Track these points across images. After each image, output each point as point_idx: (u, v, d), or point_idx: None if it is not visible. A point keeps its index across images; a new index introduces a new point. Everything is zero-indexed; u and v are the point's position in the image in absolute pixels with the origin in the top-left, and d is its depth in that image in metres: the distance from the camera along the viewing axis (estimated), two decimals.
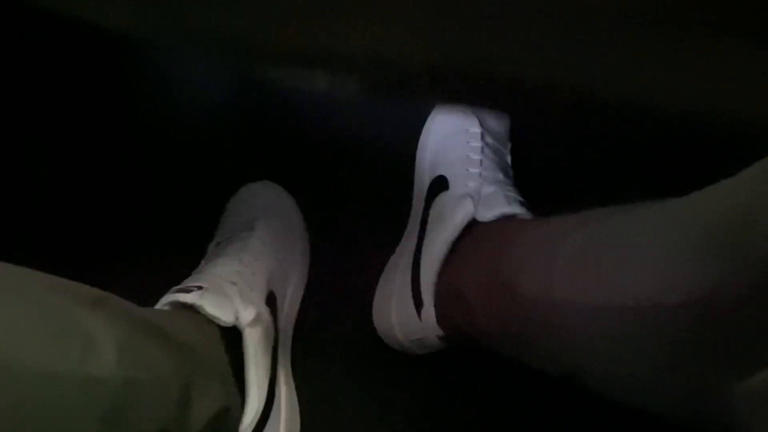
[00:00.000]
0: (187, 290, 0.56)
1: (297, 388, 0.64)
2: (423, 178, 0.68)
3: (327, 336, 0.67)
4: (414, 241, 0.65)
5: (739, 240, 0.33)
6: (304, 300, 0.68)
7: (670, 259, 0.37)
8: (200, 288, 0.56)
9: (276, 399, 0.58)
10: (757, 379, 0.29)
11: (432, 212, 0.64)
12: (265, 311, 0.58)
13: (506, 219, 0.59)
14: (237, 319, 0.55)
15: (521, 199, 0.61)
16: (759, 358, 0.30)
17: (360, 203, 0.71)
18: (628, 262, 0.40)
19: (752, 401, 0.30)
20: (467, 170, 0.64)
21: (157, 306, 0.55)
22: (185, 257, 0.65)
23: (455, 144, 0.67)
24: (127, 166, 0.74)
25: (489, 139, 0.67)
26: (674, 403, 0.39)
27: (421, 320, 0.61)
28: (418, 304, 0.62)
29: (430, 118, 0.71)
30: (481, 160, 0.65)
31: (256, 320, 0.56)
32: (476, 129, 0.67)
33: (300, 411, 0.63)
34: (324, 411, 0.64)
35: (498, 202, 0.60)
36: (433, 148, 0.69)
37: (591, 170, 0.72)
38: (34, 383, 0.33)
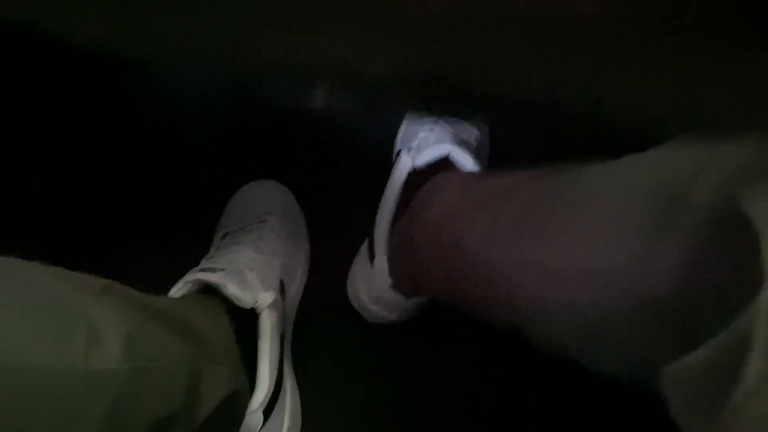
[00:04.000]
0: (211, 270, 0.57)
1: (297, 377, 0.65)
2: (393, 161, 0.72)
3: (323, 329, 0.69)
4: None
5: (672, 208, 0.33)
6: (305, 293, 0.70)
7: (606, 223, 0.37)
8: (223, 270, 0.57)
9: (283, 386, 0.59)
10: (682, 363, 0.29)
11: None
12: (279, 298, 0.59)
13: (449, 171, 0.61)
14: (256, 302, 0.56)
15: (452, 136, 0.65)
16: (687, 329, 0.30)
17: (352, 198, 0.72)
18: (566, 225, 0.41)
19: (676, 384, 0.30)
20: (417, 136, 0.68)
21: (179, 284, 0.56)
22: (180, 251, 0.66)
23: (412, 124, 0.71)
24: (124, 162, 0.75)
25: (444, 122, 0.71)
26: (607, 362, 0.40)
27: (373, 269, 0.64)
28: (372, 256, 0.65)
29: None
30: (431, 128, 0.68)
31: (273, 305, 0.57)
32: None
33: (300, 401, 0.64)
34: (321, 399, 0.65)
35: (431, 146, 0.64)
36: (400, 136, 0.73)
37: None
38: (37, 380, 0.33)
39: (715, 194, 0.30)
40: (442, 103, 0.16)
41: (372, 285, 0.65)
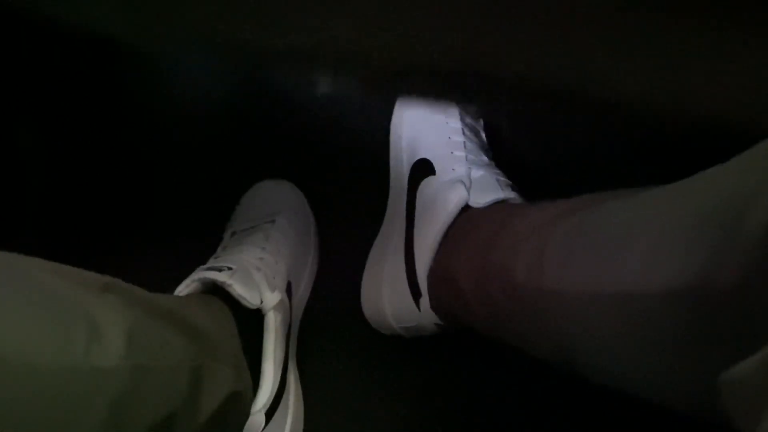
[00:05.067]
0: (218, 269, 0.57)
1: (301, 378, 0.65)
2: (401, 163, 0.66)
3: (329, 330, 0.68)
4: (402, 226, 0.64)
5: (728, 229, 0.32)
6: (311, 294, 0.69)
7: (660, 246, 0.37)
8: (230, 269, 0.57)
9: (287, 386, 0.59)
10: (740, 368, 0.29)
11: (420, 197, 0.62)
12: (285, 299, 0.59)
13: (497, 204, 0.58)
14: (262, 302, 0.56)
15: (510, 182, 0.61)
16: (744, 347, 0.29)
17: (361, 199, 0.72)
18: (617, 249, 0.40)
19: (735, 390, 0.29)
20: (452, 153, 0.62)
21: (185, 282, 0.56)
22: (188, 249, 0.66)
23: (434, 126, 0.65)
24: (130, 161, 0.75)
25: (467, 119, 0.66)
26: (667, 391, 0.39)
27: (420, 310, 0.60)
28: (416, 293, 0.60)
29: (398, 104, 0.68)
30: (464, 142, 0.63)
31: (279, 306, 0.57)
32: (454, 109, 0.65)
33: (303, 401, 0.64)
34: (325, 400, 0.65)
35: (490, 187, 0.59)
36: (409, 131, 0.67)
37: (569, 147, 0.70)
38: (38, 377, 0.33)
39: None
40: (447, 92, 0.16)
41: (409, 317, 0.62)
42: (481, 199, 0.58)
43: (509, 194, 0.58)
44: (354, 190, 0.72)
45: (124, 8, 0.14)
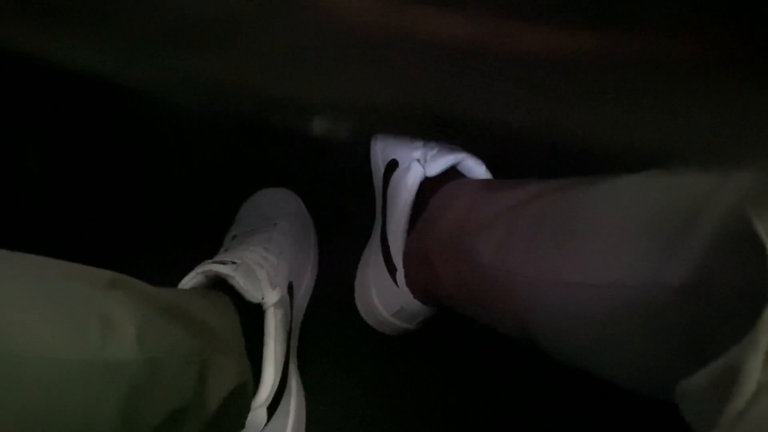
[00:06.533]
0: (222, 263, 0.57)
1: (302, 380, 0.66)
2: (379, 170, 0.71)
3: (329, 333, 0.69)
4: (380, 221, 0.68)
5: (682, 229, 0.34)
6: (312, 298, 0.70)
7: (617, 241, 0.39)
8: (234, 263, 0.57)
9: (288, 385, 0.60)
10: (694, 380, 0.30)
11: (389, 190, 0.67)
12: (286, 297, 0.60)
13: (468, 182, 0.61)
14: (263, 298, 0.57)
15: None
16: (693, 343, 0.31)
17: (359, 206, 0.73)
18: (581, 239, 0.42)
19: (690, 400, 0.30)
20: (411, 145, 0.67)
21: (190, 275, 0.57)
22: (186, 257, 0.64)
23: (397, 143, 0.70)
24: (132, 170, 0.76)
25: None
26: (620, 375, 0.41)
27: (397, 285, 0.63)
28: (392, 269, 0.64)
29: None
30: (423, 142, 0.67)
31: (280, 303, 0.58)
32: None
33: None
34: (327, 402, 0.66)
35: (443, 155, 0.63)
36: (382, 144, 0.72)
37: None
38: (54, 370, 0.34)
39: (726, 212, 0.31)
40: (437, 133, 0.17)
41: (393, 298, 0.65)
42: (436, 166, 0.62)
43: (461, 155, 0.62)
44: (352, 198, 0.73)
45: (115, 57, 0.14)
